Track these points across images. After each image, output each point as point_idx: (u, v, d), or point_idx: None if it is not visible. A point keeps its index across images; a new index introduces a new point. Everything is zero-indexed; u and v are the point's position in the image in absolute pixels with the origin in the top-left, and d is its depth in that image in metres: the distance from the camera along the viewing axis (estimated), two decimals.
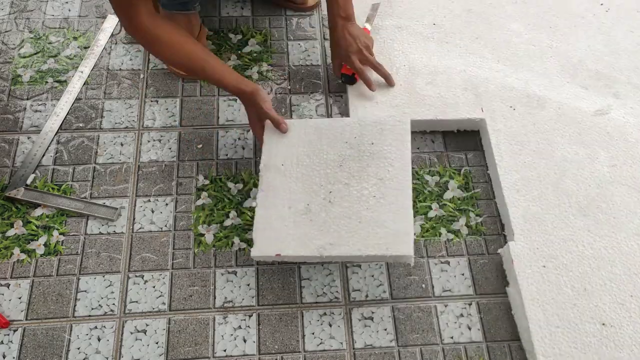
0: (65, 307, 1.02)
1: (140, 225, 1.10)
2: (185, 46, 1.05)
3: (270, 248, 0.98)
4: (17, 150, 1.18)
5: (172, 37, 1.03)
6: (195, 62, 1.06)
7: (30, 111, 1.23)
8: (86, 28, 1.36)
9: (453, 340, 1.02)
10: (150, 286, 1.04)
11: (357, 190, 1.03)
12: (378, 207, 1.01)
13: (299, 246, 0.98)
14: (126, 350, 0.98)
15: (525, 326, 0.99)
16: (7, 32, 1.35)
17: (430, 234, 1.12)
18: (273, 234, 1.00)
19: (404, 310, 1.04)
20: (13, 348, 0.97)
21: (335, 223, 1.00)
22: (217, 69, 1.07)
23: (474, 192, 1.18)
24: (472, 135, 1.25)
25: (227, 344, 1.00)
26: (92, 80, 1.28)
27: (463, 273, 1.09)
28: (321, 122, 1.12)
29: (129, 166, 1.17)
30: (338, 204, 1.02)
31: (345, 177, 1.05)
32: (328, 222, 1.00)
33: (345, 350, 1.00)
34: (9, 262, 1.06)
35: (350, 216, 1.00)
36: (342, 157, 1.07)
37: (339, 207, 1.02)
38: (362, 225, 0.99)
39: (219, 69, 1.07)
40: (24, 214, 1.10)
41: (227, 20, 1.40)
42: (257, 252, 0.99)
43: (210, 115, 1.25)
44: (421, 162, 1.21)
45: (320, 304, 1.04)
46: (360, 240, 0.98)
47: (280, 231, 1.00)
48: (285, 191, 1.04)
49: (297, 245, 0.98)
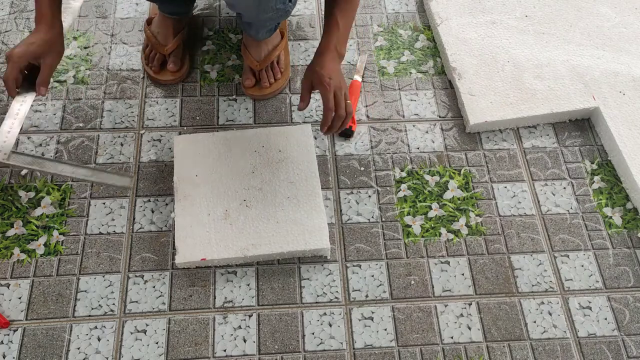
0: (65, 307, 1.02)
1: (140, 225, 1.10)
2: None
3: (195, 254, 1.04)
4: (17, 150, 1.17)
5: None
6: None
7: (30, 111, 1.23)
8: (86, 28, 1.36)
9: (453, 340, 1.02)
10: (150, 286, 1.04)
11: (271, 193, 1.10)
12: (292, 207, 1.09)
13: (222, 249, 1.04)
14: (126, 350, 0.98)
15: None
16: (7, 32, 1.35)
17: (430, 234, 1.12)
18: (196, 240, 1.05)
19: (404, 310, 1.04)
20: (13, 348, 0.97)
21: (255, 225, 1.07)
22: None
23: (474, 192, 1.18)
24: (581, 123, 1.28)
25: (227, 344, 1.00)
26: (92, 80, 1.28)
27: (463, 273, 1.09)
28: (228, 134, 1.18)
29: (129, 166, 1.17)
30: (255, 207, 1.08)
31: (258, 183, 1.11)
32: (247, 224, 1.07)
33: (345, 350, 1.00)
34: (9, 262, 1.06)
35: (268, 217, 1.08)
36: (253, 165, 1.14)
37: (256, 210, 1.08)
38: (279, 225, 1.07)
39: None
40: (24, 214, 1.10)
41: (227, 20, 1.40)
42: (182, 258, 1.03)
43: (210, 115, 1.25)
44: (421, 162, 1.21)
45: (320, 304, 1.04)
46: (280, 238, 1.05)
47: (202, 237, 1.05)
48: (202, 199, 1.09)
49: (221, 248, 1.04)
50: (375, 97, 1.29)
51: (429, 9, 1.42)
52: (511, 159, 1.22)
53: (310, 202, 1.09)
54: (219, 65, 1.32)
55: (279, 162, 1.14)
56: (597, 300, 1.07)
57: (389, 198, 1.16)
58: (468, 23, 1.38)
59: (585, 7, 1.42)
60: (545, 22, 1.39)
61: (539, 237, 1.13)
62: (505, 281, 1.08)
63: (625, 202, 1.18)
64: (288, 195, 1.10)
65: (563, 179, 1.20)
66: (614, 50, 1.34)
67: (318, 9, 1.44)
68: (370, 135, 1.24)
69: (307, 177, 1.12)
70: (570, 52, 1.34)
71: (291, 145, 1.16)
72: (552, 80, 1.29)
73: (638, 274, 1.10)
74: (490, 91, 1.27)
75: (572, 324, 1.04)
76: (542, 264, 1.10)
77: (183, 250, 1.04)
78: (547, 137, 1.26)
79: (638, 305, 1.07)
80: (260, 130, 1.18)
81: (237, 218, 1.07)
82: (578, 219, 1.16)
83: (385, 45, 1.38)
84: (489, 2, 1.43)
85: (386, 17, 1.43)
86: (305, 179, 1.12)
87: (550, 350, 1.02)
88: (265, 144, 1.16)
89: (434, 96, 1.30)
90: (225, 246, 1.04)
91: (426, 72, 1.34)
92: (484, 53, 1.33)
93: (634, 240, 1.14)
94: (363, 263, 1.09)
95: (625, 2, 1.44)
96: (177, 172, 1.12)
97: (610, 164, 1.23)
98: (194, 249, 1.04)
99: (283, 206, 1.09)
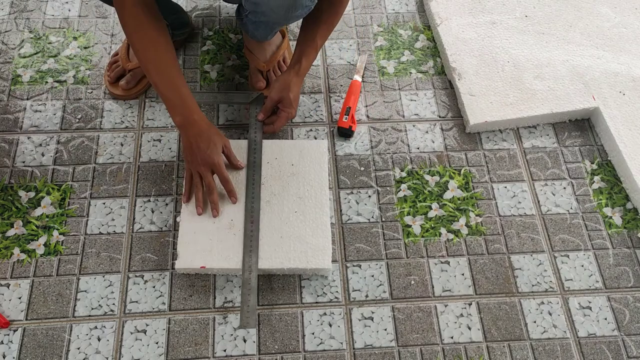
0: (65, 307, 1.02)
1: (140, 225, 1.10)
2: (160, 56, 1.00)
3: (195, 261, 1.03)
4: (17, 150, 1.18)
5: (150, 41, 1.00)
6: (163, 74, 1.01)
7: (30, 111, 1.23)
8: (86, 28, 1.36)
9: (453, 340, 1.02)
10: (150, 286, 1.04)
11: (279, 207, 1.09)
12: (298, 223, 1.07)
13: (223, 260, 1.03)
14: (126, 350, 0.98)
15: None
16: (7, 32, 1.35)
17: (430, 234, 1.12)
18: (198, 247, 1.04)
19: (404, 310, 1.04)
20: (13, 348, 0.97)
21: (258, 240, 1.05)
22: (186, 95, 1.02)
23: (474, 192, 1.18)
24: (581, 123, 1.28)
25: (227, 344, 1.00)
26: (92, 80, 1.28)
27: (463, 273, 1.09)
28: (243, 143, 1.16)
29: (129, 166, 1.17)
30: (260, 220, 1.07)
31: (267, 195, 1.10)
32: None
33: (345, 350, 1.00)
34: (9, 262, 1.06)
35: (272, 231, 1.06)
36: (264, 177, 1.12)
37: (261, 222, 1.06)
38: (283, 240, 1.05)
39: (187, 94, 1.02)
40: (24, 214, 1.10)
41: (227, 21, 1.41)
42: (182, 264, 1.03)
43: (210, 115, 1.25)
44: (421, 162, 1.21)
45: (320, 304, 1.04)
46: (282, 254, 1.04)
47: (204, 244, 1.04)
48: (210, 207, 1.07)
49: (222, 258, 1.03)
50: (375, 97, 1.29)
51: (429, 9, 1.42)
52: (511, 159, 1.22)
53: (316, 219, 1.07)
54: (219, 65, 1.32)
55: (290, 176, 1.12)
56: (597, 300, 1.07)
57: (389, 198, 1.16)
58: (468, 23, 1.38)
59: (585, 7, 1.42)
60: (545, 22, 1.39)
61: (539, 237, 1.13)
62: (505, 281, 1.08)
63: (625, 202, 1.18)
64: (295, 210, 1.08)
65: (563, 179, 1.20)
66: (614, 50, 1.34)
67: None
68: (370, 135, 1.24)
69: (316, 194, 1.10)
70: (570, 52, 1.34)
71: (304, 159, 1.14)
72: (552, 80, 1.29)
73: (638, 274, 1.10)
74: (490, 91, 1.27)
75: (572, 324, 1.04)
76: (542, 264, 1.10)
77: (184, 256, 1.03)
78: (547, 137, 1.26)
79: (638, 305, 1.07)
80: (275, 142, 1.17)
81: (241, 229, 1.06)
82: (578, 219, 1.16)
83: (385, 45, 1.38)
84: (489, 2, 1.43)
85: (386, 17, 1.43)
86: (314, 195, 1.10)
87: (550, 350, 1.02)
88: (278, 156, 1.14)
89: (434, 96, 1.30)
90: (226, 257, 1.03)
91: (426, 72, 1.34)
92: (484, 53, 1.33)
93: (634, 240, 1.14)
94: (363, 263, 1.09)
95: (625, 2, 1.44)
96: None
97: (610, 164, 1.23)
98: (194, 256, 1.03)
99: (289, 221, 1.07)
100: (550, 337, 1.03)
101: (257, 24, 1.12)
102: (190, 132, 1.02)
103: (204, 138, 1.03)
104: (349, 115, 1.23)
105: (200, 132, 1.03)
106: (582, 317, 1.05)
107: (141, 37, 0.99)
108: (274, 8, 1.03)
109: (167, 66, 1.00)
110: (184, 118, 1.01)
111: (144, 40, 0.99)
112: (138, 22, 0.98)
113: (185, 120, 1.01)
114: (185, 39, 1.34)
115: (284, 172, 1.13)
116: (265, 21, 1.10)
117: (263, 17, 1.07)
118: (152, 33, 0.99)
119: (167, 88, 1.00)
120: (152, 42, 0.99)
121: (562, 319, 1.05)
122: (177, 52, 1.33)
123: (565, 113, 1.26)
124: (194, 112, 1.02)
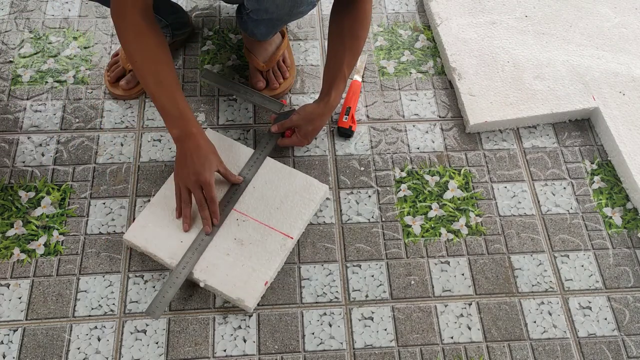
0: (65, 307, 1.02)
1: None
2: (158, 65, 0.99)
3: (139, 239, 1.04)
4: (17, 150, 1.18)
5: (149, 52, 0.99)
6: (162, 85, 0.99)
7: (30, 111, 1.23)
8: (86, 28, 1.36)
9: (453, 340, 1.02)
10: (150, 286, 1.04)
11: (243, 229, 1.06)
12: (249, 253, 1.04)
13: (164, 250, 1.03)
14: (126, 350, 0.98)
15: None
16: (7, 32, 1.35)
17: (430, 234, 1.12)
18: (149, 229, 1.04)
19: (404, 310, 1.04)
20: (13, 348, 0.97)
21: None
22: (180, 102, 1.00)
23: (474, 192, 1.18)
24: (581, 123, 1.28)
25: (227, 344, 1.00)
26: (92, 80, 1.28)
27: (463, 273, 1.09)
28: (247, 151, 1.15)
29: (129, 166, 1.17)
30: (219, 232, 1.05)
31: (238, 214, 1.08)
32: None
33: (345, 350, 1.00)
34: (9, 262, 1.06)
35: (223, 246, 1.04)
36: (246, 196, 1.10)
37: (219, 234, 1.05)
38: (227, 258, 1.03)
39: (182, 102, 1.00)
40: (24, 214, 1.10)
41: (227, 21, 1.41)
42: (128, 236, 1.04)
43: (211, 115, 1.25)
44: (421, 162, 1.21)
45: (320, 304, 1.04)
46: (218, 270, 1.01)
47: (158, 230, 1.04)
48: (202, 222, 1.05)
49: (165, 249, 1.03)
50: (375, 97, 1.29)
51: (429, 9, 1.42)
52: (511, 159, 1.22)
53: (267, 261, 1.03)
54: (219, 66, 1.32)
55: (270, 207, 1.09)
56: (597, 300, 1.07)
57: (389, 198, 1.16)
58: (468, 23, 1.38)
59: (585, 7, 1.42)
60: (545, 22, 1.39)
61: (539, 237, 1.13)
62: (505, 281, 1.08)
63: (625, 202, 1.18)
64: (258, 239, 1.05)
65: (563, 179, 1.20)
66: (613, 50, 1.34)
67: (318, 8, 1.44)
68: (370, 135, 1.24)
69: (282, 239, 1.05)
70: (570, 52, 1.34)
71: (294, 197, 1.10)
72: (552, 80, 1.29)
73: (638, 274, 1.10)
74: (490, 91, 1.27)
75: (572, 324, 1.04)
76: (542, 264, 1.10)
77: (134, 229, 1.05)
78: (547, 137, 1.26)
79: (638, 305, 1.07)
80: (276, 164, 1.14)
81: (195, 232, 1.04)
82: (578, 219, 1.16)
83: (385, 45, 1.38)
84: (489, 2, 1.43)
85: (386, 17, 1.43)
86: (279, 239, 1.05)
87: (550, 350, 1.02)
88: (270, 182, 1.12)
89: (434, 96, 1.30)
90: (168, 247, 1.02)
91: (426, 72, 1.34)
92: (484, 53, 1.33)
93: (634, 240, 1.14)
94: (363, 263, 1.09)
95: (625, 2, 1.44)
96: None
97: (610, 164, 1.23)
98: (142, 235, 1.04)
99: (243, 246, 1.04)
100: (550, 337, 1.03)
101: (257, 22, 1.12)
102: (187, 144, 1.00)
103: (201, 154, 1.01)
104: (349, 115, 1.23)
105: (198, 146, 1.01)
106: (582, 317, 1.05)
107: (140, 48, 0.98)
108: (278, 4, 1.02)
109: (166, 78, 0.99)
110: (182, 131, 1.00)
111: (143, 51, 0.98)
112: (137, 33, 0.97)
113: (182, 133, 1.00)
114: (185, 39, 1.34)
115: (268, 199, 1.09)
116: (268, 19, 1.09)
117: (266, 14, 1.06)
118: (152, 44, 0.98)
119: (166, 100, 0.99)
120: (151, 53, 0.98)
121: (562, 319, 1.05)
122: (177, 52, 1.33)
123: (565, 113, 1.26)
124: (193, 125, 1.01)
